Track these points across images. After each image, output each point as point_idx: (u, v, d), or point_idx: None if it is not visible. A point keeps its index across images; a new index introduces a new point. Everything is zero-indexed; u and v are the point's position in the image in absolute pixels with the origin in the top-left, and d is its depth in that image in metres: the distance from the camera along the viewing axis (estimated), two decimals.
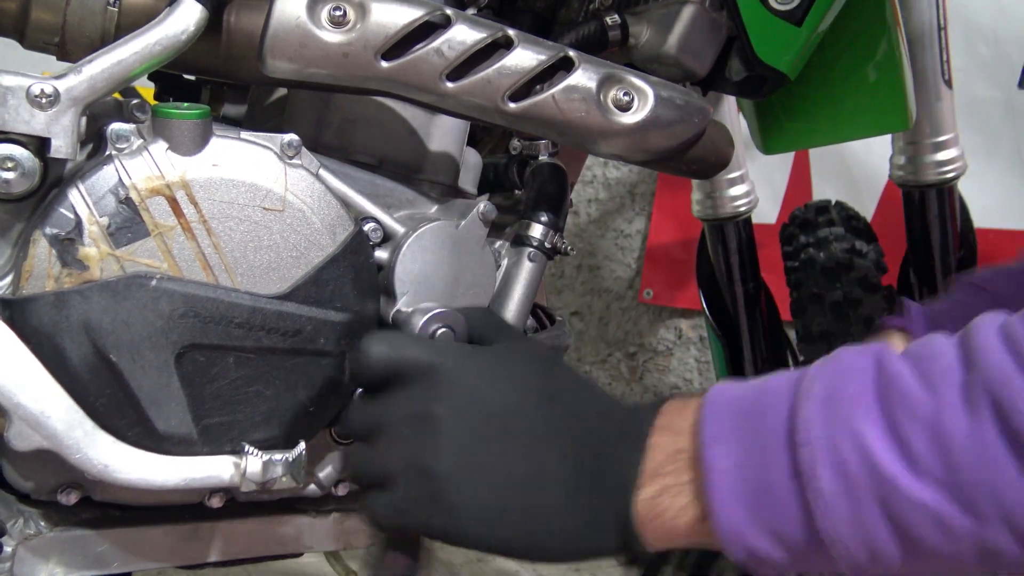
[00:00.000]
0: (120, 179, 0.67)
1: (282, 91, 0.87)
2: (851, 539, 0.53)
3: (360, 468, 0.65)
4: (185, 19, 0.68)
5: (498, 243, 0.83)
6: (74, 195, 0.66)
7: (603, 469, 0.60)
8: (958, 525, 0.50)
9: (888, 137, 1.25)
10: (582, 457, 0.61)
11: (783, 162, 1.88)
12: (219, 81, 0.88)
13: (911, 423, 0.51)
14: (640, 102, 0.75)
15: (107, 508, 0.77)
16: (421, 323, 0.71)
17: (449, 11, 0.70)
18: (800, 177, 1.87)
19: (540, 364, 0.66)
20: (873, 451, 0.52)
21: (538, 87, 0.73)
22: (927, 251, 1.25)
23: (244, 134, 0.72)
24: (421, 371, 0.63)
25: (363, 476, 0.65)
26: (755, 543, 0.55)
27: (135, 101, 0.75)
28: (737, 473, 0.55)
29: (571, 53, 0.73)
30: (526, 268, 0.81)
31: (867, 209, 1.68)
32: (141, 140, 0.68)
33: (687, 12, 0.77)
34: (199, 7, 0.68)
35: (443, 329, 0.71)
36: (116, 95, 0.72)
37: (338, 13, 0.68)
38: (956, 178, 1.22)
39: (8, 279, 0.67)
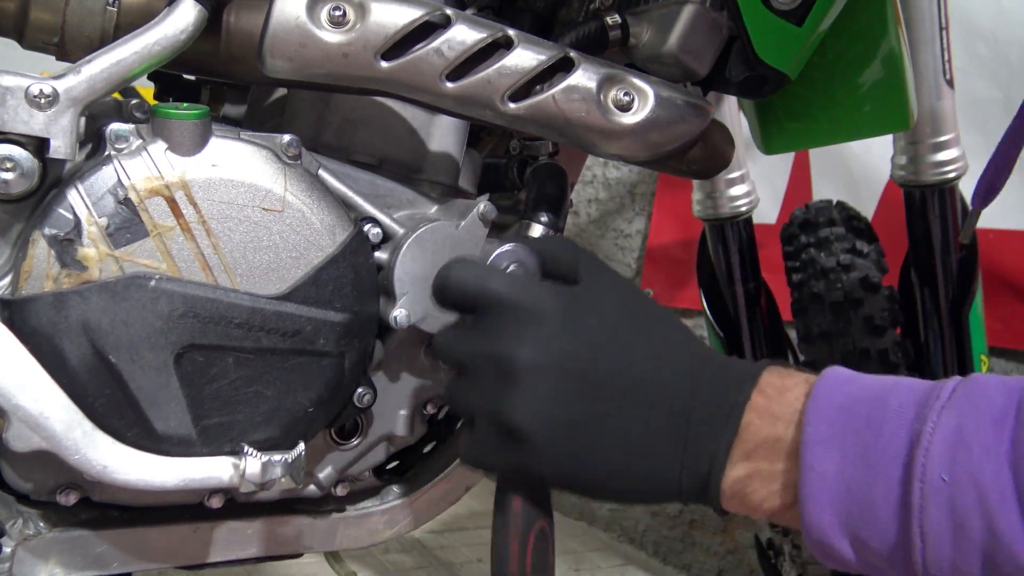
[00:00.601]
0: (119, 179, 0.67)
1: (282, 91, 0.87)
2: (935, 572, 0.52)
3: (450, 400, 0.66)
4: (184, 19, 0.68)
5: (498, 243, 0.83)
6: (73, 195, 0.66)
7: (691, 436, 0.59)
8: None
9: (889, 137, 1.25)
10: (668, 417, 0.60)
11: (783, 162, 1.87)
12: (219, 81, 0.88)
13: None
14: (640, 102, 0.75)
15: (106, 508, 0.77)
16: (490, 261, 0.70)
17: (449, 11, 0.70)
18: (800, 177, 1.87)
19: (627, 310, 0.64)
20: (995, 513, 0.49)
21: (538, 87, 0.73)
22: (928, 251, 1.25)
23: (244, 134, 0.72)
24: (503, 308, 0.62)
25: (454, 408, 0.67)
26: (838, 547, 0.55)
27: (134, 101, 0.75)
28: (837, 481, 0.54)
29: (571, 53, 0.73)
30: None
31: (867, 209, 1.68)
32: (140, 140, 0.68)
33: (687, 12, 0.76)
34: (198, 7, 0.68)
35: (513, 266, 0.70)
36: (115, 95, 0.72)
37: (338, 13, 0.68)
38: (957, 178, 1.22)
39: (7, 279, 0.67)
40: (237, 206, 0.69)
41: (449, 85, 0.70)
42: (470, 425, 0.65)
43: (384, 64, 0.69)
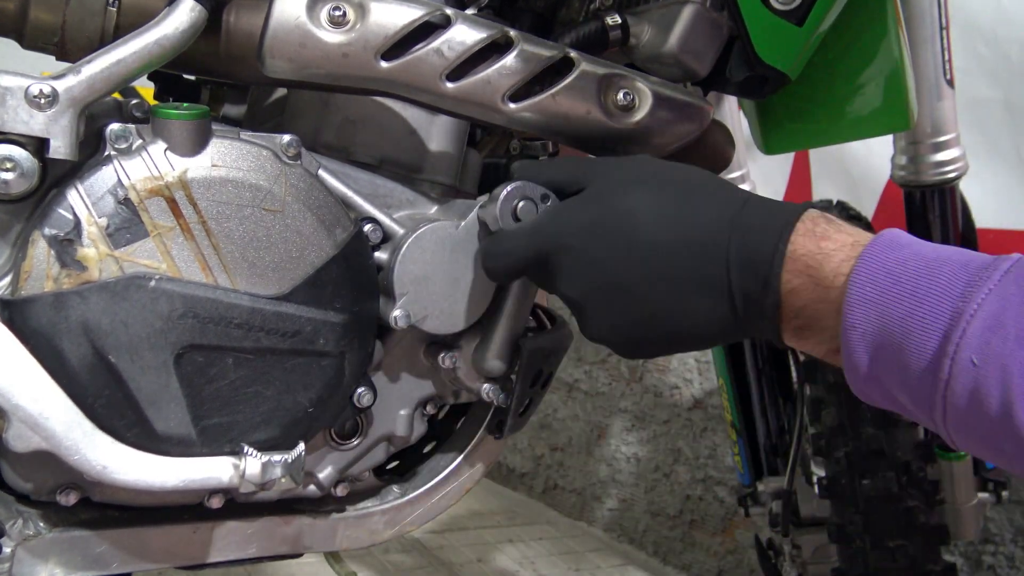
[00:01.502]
0: (119, 180, 0.67)
1: (282, 91, 0.87)
2: (955, 434, 0.56)
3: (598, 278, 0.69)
4: (184, 19, 0.68)
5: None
6: (73, 196, 0.66)
7: (738, 310, 0.63)
8: None
9: (889, 137, 1.25)
10: (712, 295, 0.64)
11: (783, 162, 1.87)
12: (219, 81, 0.88)
13: None
14: (640, 102, 0.75)
15: (106, 509, 0.77)
16: (500, 203, 0.72)
17: (449, 11, 0.70)
18: (800, 177, 1.87)
19: (650, 174, 0.68)
20: (1015, 397, 0.51)
21: (538, 87, 0.72)
22: None
23: (244, 134, 0.72)
24: (553, 254, 0.68)
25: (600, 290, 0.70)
26: (873, 394, 0.60)
27: (134, 101, 0.75)
28: (875, 339, 0.57)
29: (572, 53, 0.73)
30: None
31: (867, 209, 1.68)
32: (140, 140, 0.68)
33: (688, 12, 0.76)
34: (198, 7, 0.68)
35: (523, 202, 0.72)
36: (115, 95, 0.72)
37: (338, 13, 0.68)
38: (958, 178, 1.22)
39: (7, 280, 0.67)
40: (237, 206, 0.69)
41: (449, 85, 0.70)
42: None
43: (384, 64, 0.69)
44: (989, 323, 0.52)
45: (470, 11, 0.80)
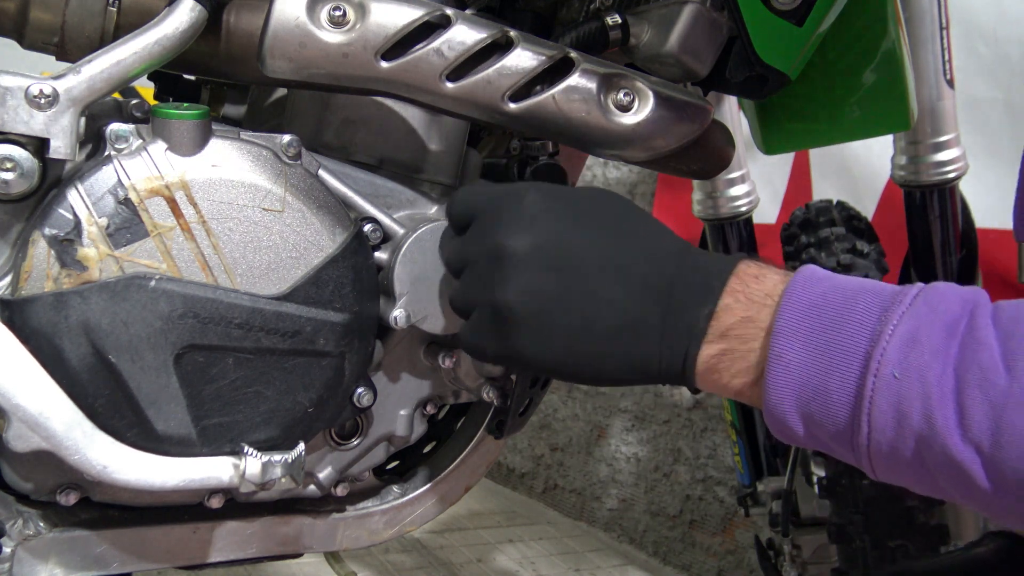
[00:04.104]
0: (119, 179, 0.67)
1: (282, 91, 0.87)
2: (880, 458, 0.58)
3: (453, 302, 0.70)
4: (184, 19, 0.68)
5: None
6: (73, 196, 0.66)
7: (671, 313, 0.63)
8: (979, 485, 0.54)
9: (889, 137, 1.25)
10: (650, 297, 0.63)
11: (783, 162, 1.87)
12: (219, 81, 0.88)
13: (979, 395, 0.54)
14: (641, 102, 0.75)
15: (106, 508, 0.77)
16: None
17: (449, 11, 0.70)
18: (800, 177, 1.87)
19: (615, 202, 0.68)
20: (934, 406, 0.55)
21: (538, 87, 0.72)
22: (928, 251, 1.25)
23: (244, 134, 0.72)
24: (495, 206, 0.67)
25: (456, 309, 0.70)
26: (793, 425, 0.60)
27: (135, 101, 0.75)
28: (799, 368, 0.59)
29: (572, 53, 0.73)
30: None
31: (867, 209, 1.68)
32: (140, 140, 0.68)
33: (688, 12, 0.76)
34: (198, 7, 0.68)
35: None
36: (116, 95, 0.72)
37: (338, 13, 0.68)
38: (958, 178, 1.22)
39: (7, 279, 0.67)
40: (237, 206, 0.69)
41: (449, 85, 0.70)
42: (466, 319, 0.69)
43: (384, 64, 0.69)
44: (906, 339, 0.56)
45: (470, 11, 0.80)
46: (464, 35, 0.70)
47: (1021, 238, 0.90)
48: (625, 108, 0.75)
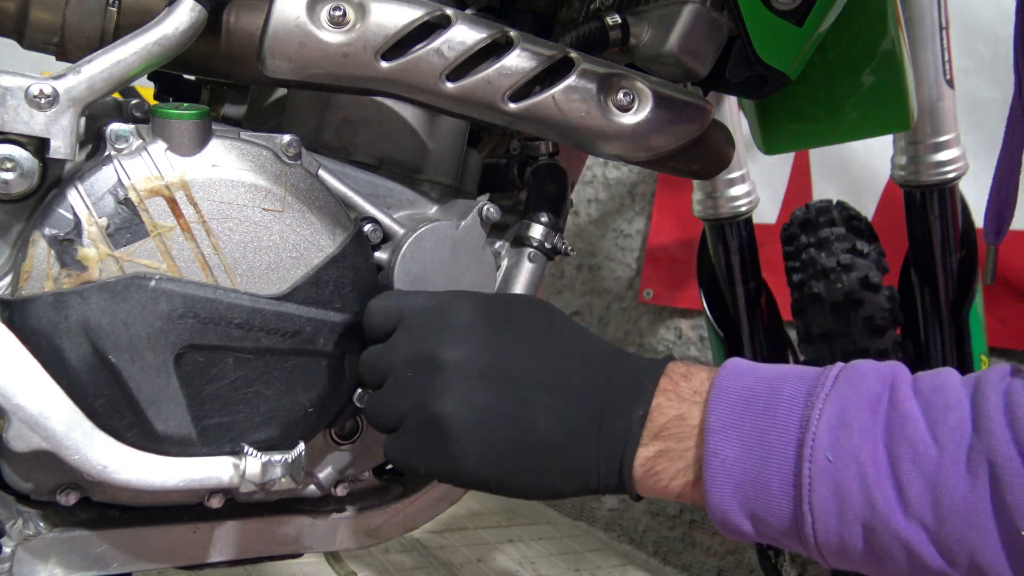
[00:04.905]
0: (119, 179, 0.67)
1: (282, 91, 0.87)
2: (829, 547, 0.57)
3: (372, 413, 0.67)
4: (184, 19, 0.68)
5: (498, 243, 0.83)
6: (73, 196, 0.66)
7: (606, 419, 0.62)
8: (931, 564, 0.54)
9: (889, 137, 1.25)
10: (585, 405, 0.63)
11: (783, 162, 1.87)
12: (219, 81, 0.88)
13: (913, 471, 0.54)
14: (641, 102, 0.75)
15: (106, 508, 0.77)
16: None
17: (449, 11, 0.70)
18: (800, 177, 1.87)
19: (544, 311, 0.67)
20: (872, 486, 0.55)
21: (538, 87, 0.72)
22: (928, 251, 1.25)
23: (244, 134, 0.72)
24: (424, 315, 0.65)
25: (377, 421, 0.67)
26: (737, 523, 0.60)
27: (134, 101, 0.75)
28: (736, 463, 0.59)
29: (572, 53, 0.73)
30: (526, 269, 0.81)
31: (867, 209, 1.68)
32: (140, 140, 0.68)
33: (688, 12, 0.76)
34: (198, 7, 0.68)
35: None
36: (116, 95, 0.72)
37: (338, 13, 0.68)
38: (957, 178, 1.22)
39: (7, 279, 0.67)
40: (237, 206, 0.69)
41: (449, 85, 0.70)
42: (393, 431, 0.66)
43: (384, 64, 0.69)
44: (833, 422, 0.57)
45: (470, 11, 0.80)
46: (464, 35, 0.70)
47: (991, 240, 0.90)
48: (625, 108, 0.75)
